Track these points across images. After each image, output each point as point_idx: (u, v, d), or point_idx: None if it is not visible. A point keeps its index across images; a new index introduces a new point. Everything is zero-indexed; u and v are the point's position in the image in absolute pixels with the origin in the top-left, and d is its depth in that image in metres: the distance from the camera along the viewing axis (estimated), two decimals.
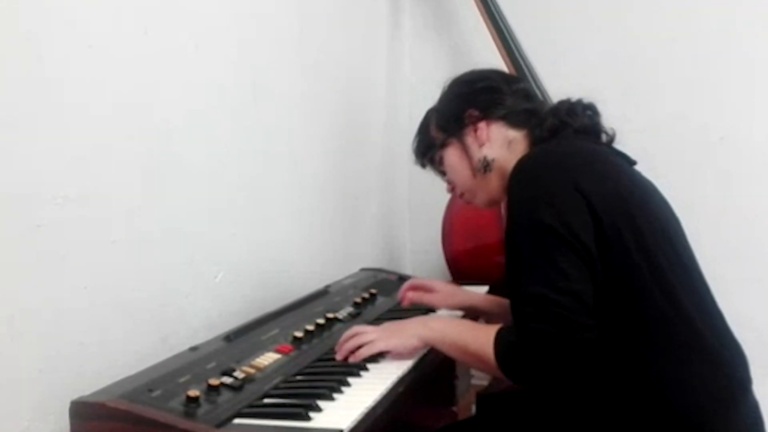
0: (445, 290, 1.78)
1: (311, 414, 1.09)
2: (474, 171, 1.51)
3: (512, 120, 1.49)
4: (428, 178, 1.75)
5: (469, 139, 1.51)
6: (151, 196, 1.41)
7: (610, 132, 1.48)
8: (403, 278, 2.13)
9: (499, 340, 1.26)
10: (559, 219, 1.23)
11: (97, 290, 1.27)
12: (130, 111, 1.35)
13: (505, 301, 1.76)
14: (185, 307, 1.50)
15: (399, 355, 1.37)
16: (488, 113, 1.50)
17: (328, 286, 1.88)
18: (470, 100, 1.52)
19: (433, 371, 1.44)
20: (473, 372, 2.02)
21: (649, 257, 1.26)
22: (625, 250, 1.25)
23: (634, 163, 1.46)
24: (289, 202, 1.93)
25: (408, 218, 2.81)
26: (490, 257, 2.19)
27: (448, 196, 2.34)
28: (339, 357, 1.38)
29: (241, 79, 1.71)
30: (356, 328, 1.42)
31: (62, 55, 1.20)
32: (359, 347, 1.37)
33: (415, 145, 1.66)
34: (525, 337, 1.22)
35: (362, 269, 2.16)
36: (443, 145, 1.56)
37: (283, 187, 1.90)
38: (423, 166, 1.66)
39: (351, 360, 1.35)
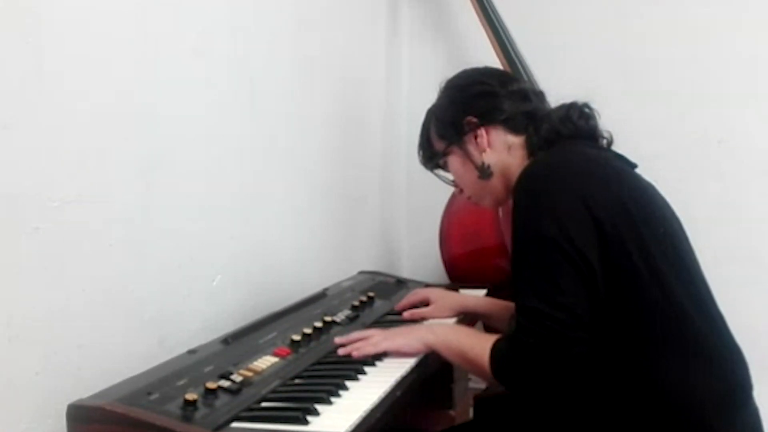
0: (439, 298, 1.79)
1: (309, 418, 1.09)
2: (477, 176, 1.52)
3: (511, 125, 1.49)
4: (426, 180, 1.75)
5: (470, 147, 1.51)
6: (148, 198, 1.40)
7: (606, 135, 1.48)
8: (401, 281, 2.13)
9: (494, 349, 1.29)
10: (562, 232, 1.24)
11: (95, 293, 1.27)
12: (127, 113, 1.35)
13: (502, 302, 1.78)
14: (183, 310, 1.50)
15: (401, 355, 1.39)
16: (486, 119, 1.49)
17: (326, 289, 1.88)
18: (467, 107, 1.52)
19: (431, 375, 1.44)
20: (471, 376, 2.02)
21: (650, 261, 1.26)
22: (627, 254, 1.26)
23: (634, 166, 1.46)
24: (287, 205, 1.93)
25: (406, 221, 2.81)
26: (488, 260, 2.19)
27: (446, 199, 2.35)
28: (342, 352, 1.39)
29: (239, 82, 1.71)
30: (363, 332, 1.45)
31: (60, 57, 1.19)
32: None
33: (419, 153, 1.65)
34: (517, 348, 1.25)
35: (360, 272, 2.16)
36: (445, 154, 1.56)
37: (281, 190, 1.89)
38: (431, 170, 1.67)
39: (354, 355, 1.37)
